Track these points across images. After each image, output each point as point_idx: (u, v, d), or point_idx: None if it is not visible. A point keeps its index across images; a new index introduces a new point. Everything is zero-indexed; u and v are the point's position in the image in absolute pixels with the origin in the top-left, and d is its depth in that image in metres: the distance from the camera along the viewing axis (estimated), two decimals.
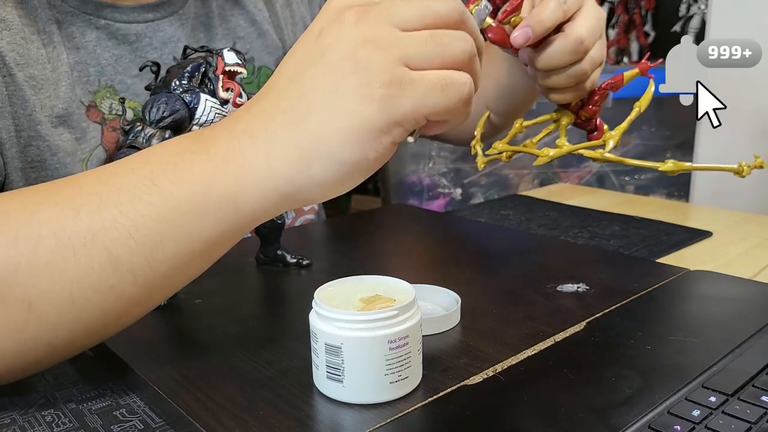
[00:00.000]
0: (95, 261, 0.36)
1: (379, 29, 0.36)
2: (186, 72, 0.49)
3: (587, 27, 0.54)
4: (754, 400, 0.36)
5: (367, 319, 0.36)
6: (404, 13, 0.36)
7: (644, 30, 1.72)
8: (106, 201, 0.37)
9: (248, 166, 0.37)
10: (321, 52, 0.37)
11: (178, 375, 0.41)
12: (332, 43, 0.36)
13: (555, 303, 0.50)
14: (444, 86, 0.36)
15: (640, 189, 1.85)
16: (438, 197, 1.86)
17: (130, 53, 0.66)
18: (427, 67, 0.36)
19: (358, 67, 0.35)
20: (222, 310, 0.51)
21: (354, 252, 0.65)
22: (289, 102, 0.37)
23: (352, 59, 0.35)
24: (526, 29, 0.51)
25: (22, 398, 0.41)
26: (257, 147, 0.37)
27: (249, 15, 0.76)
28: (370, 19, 0.36)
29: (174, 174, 0.37)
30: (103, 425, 0.38)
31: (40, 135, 0.59)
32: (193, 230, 0.38)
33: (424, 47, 0.36)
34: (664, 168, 0.52)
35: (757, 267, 0.62)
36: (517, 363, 0.41)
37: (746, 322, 0.46)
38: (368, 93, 0.35)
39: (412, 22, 0.36)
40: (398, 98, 0.35)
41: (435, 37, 0.36)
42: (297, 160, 0.36)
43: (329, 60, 0.36)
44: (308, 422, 0.36)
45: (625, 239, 0.71)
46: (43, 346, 0.38)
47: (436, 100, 0.36)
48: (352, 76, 0.35)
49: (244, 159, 0.37)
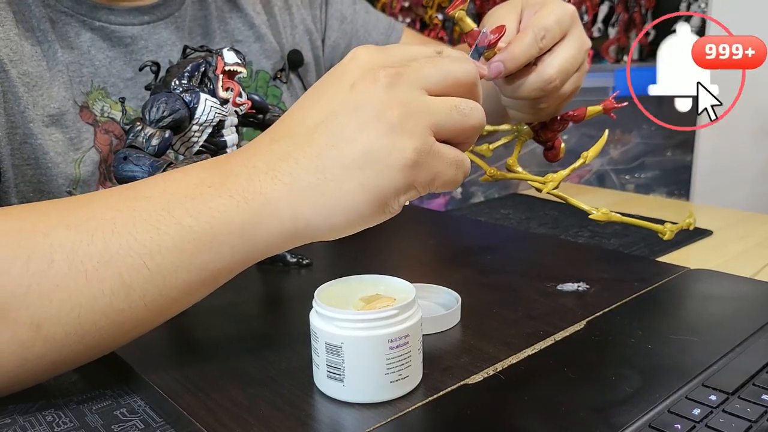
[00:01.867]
0: (106, 285, 0.37)
1: (411, 94, 0.38)
2: (186, 71, 0.49)
3: (560, 64, 0.53)
4: (755, 399, 0.36)
5: (368, 319, 0.36)
6: (429, 77, 0.39)
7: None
8: (121, 228, 0.37)
9: (270, 208, 0.37)
10: (354, 107, 0.37)
11: (179, 375, 0.41)
12: (366, 100, 0.37)
13: (555, 302, 0.50)
14: (458, 164, 0.39)
15: (640, 188, 1.86)
16: (438, 196, 1.86)
17: (124, 56, 0.66)
18: (448, 135, 0.39)
19: (393, 130, 0.36)
20: (222, 309, 0.51)
21: (354, 251, 0.65)
22: (317, 149, 0.37)
23: (387, 121, 0.37)
24: (499, 64, 0.51)
25: (23, 398, 0.41)
26: (279, 189, 0.37)
27: (247, 19, 0.75)
28: (403, 82, 0.38)
29: (193, 207, 0.38)
30: (104, 425, 0.38)
31: (33, 133, 0.59)
32: (208, 261, 0.38)
33: (450, 118, 0.38)
34: (594, 216, 0.56)
35: (758, 266, 0.62)
36: (518, 362, 0.41)
37: (746, 321, 0.46)
38: (402, 157, 0.36)
39: (436, 86, 0.39)
40: (424, 166, 0.37)
41: (459, 108, 0.39)
42: (321, 207, 0.37)
43: (363, 116, 0.37)
44: (309, 421, 0.36)
45: (626, 238, 0.71)
46: (45, 363, 0.38)
47: (450, 174, 0.39)
48: (385, 138, 0.36)
49: (266, 201, 0.37)
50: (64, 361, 0.38)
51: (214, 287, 0.41)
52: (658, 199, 1.11)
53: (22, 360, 0.37)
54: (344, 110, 0.38)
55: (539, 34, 0.52)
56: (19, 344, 0.37)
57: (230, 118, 0.51)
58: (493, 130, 0.60)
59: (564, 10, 0.54)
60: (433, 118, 0.38)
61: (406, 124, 0.37)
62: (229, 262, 0.39)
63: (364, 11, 0.87)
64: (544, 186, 0.56)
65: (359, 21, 0.86)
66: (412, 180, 0.37)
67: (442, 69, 0.39)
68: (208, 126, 0.49)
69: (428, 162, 0.37)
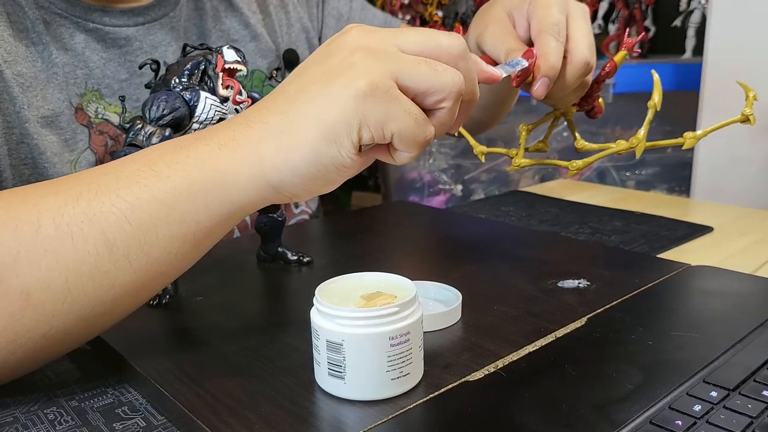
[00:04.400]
0: (91, 245, 0.37)
1: (380, 44, 0.38)
2: (186, 70, 0.49)
3: (585, 44, 0.55)
4: (756, 395, 0.36)
5: (369, 316, 0.36)
6: (408, 37, 0.39)
7: (644, 25, 1.71)
8: (104, 188, 0.38)
9: (239, 151, 0.39)
10: (324, 56, 0.39)
11: (180, 372, 0.41)
12: (335, 49, 0.39)
13: (556, 299, 0.50)
14: (417, 120, 0.38)
15: (640, 184, 1.85)
16: (438, 193, 1.86)
17: (119, 57, 0.65)
18: (414, 88, 0.38)
19: (351, 67, 0.37)
20: (223, 307, 0.51)
21: (355, 249, 0.65)
22: (285, 96, 0.39)
23: (348, 61, 0.38)
24: (544, 80, 0.53)
25: (24, 396, 0.41)
26: (250, 134, 0.39)
27: (243, 18, 0.75)
28: (375, 35, 0.39)
29: (172, 159, 0.39)
30: (105, 423, 0.38)
31: (29, 133, 0.59)
32: (186, 213, 0.39)
33: (416, 68, 0.38)
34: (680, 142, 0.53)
35: (758, 262, 0.62)
36: (519, 359, 0.41)
37: (747, 317, 0.46)
38: (353, 89, 0.36)
39: (413, 45, 0.38)
40: (376, 104, 0.37)
41: (429, 63, 0.38)
42: (280, 147, 0.38)
43: (329, 62, 0.38)
44: (310, 419, 0.36)
45: (626, 235, 0.71)
46: (37, 337, 0.38)
47: (408, 124, 0.38)
48: (343, 75, 0.37)
49: (236, 144, 0.39)
50: (55, 335, 0.38)
51: (196, 252, 0.41)
52: (658, 196, 1.10)
53: (14, 335, 0.37)
54: (316, 60, 0.40)
55: (556, 33, 0.54)
56: (9, 316, 0.37)
57: (230, 116, 0.51)
58: (539, 122, 0.62)
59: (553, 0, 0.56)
60: (397, 64, 0.37)
61: (366, 62, 0.37)
62: (205, 214, 0.39)
63: (360, 8, 0.88)
64: (637, 151, 0.55)
65: (356, 18, 0.86)
66: (363, 114, 0.37)
67: (425, 34, 0.39)
68: (208, 124, 0.49)
69: (382, 100, 0.37)
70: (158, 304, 0.51)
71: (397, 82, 0.37)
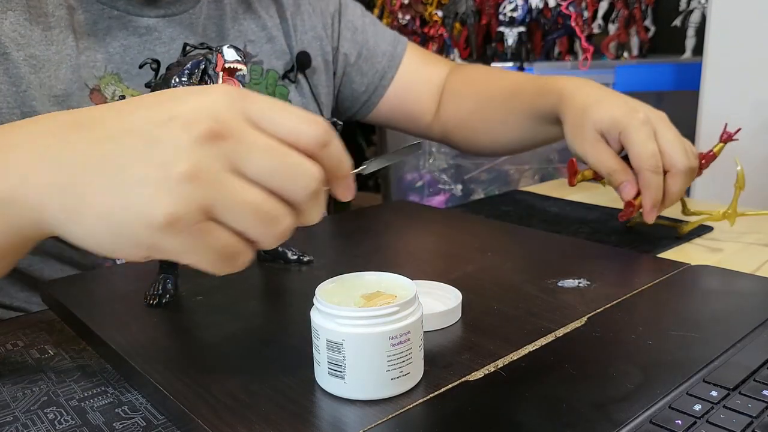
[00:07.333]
0: None
1: (215, 165, 0.32)
2: (186, 69, 0.49)
3: (680, 151, 0.63)
4: (756, 395, 0.36)
5: (369, 316, 0.36)
6: (250, 159, 0.32)
7: (644, 24, 1.71)
8: None
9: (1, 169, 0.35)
10: (156, 139, 0.33)
11: (180, 372, 0.41)
12: (170, 140, 0.32)
13: (556, 298, 0.50)
14: (226, 256, 0.33)
15: None
16: (438, 193, 1.86)
17: (138, 45, 0.69)
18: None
19: (178, 156, 0.32)
20: (223, 307, 0.51)
21: (355, 248, 0.65)
22: (104, 126, 0.34)
23: (179, 146, 0.32)
24: (654, 210, 0.64)
25: (24, 396, 0.41)
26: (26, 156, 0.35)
27: (260, 20, 0.79)
28: (219, 149, 0.32)
29: None
30: (105, 422, 0.38)
31: (36, 112, 0.61)
32: None
33: (242, 215, 0.32)
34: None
35: (758, 262, 0.62)
36: (519, 358, 0.41)
37: (747, 317, 0.46)
38: (151, 215, 0.31)
39: (256, 174, 0.33)
40: (175, 238, 0.32)
41: (262, 210, 0.32)
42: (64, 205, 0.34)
43: (155, 154, 0.32)
44: (310, 418, 0.36)
45: (626, 234, 0.71)
46: None
47: (209, 260, 0.33)
48: (163, 164, 0.32)
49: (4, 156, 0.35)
50: None
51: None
52: None
53: None
54: (148, 134, 0.33)
55: (654, 167, 0.62)
56: None
57: None
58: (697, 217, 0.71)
59: (639, 123, 0.63)
60: (216, 200, 0.32)
61: (180, 187, 0.31)
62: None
63: (371, 23, 0.92)
64: (730, 221, 0.69)
65: (369, 32, 0.91)
66: (154, 243, 0.32)
67: (275, 161, 0.33)
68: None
69: (183, 236, 0.32)
70: (158, 304, 0.51)
71: (208, 216, 0.32)
